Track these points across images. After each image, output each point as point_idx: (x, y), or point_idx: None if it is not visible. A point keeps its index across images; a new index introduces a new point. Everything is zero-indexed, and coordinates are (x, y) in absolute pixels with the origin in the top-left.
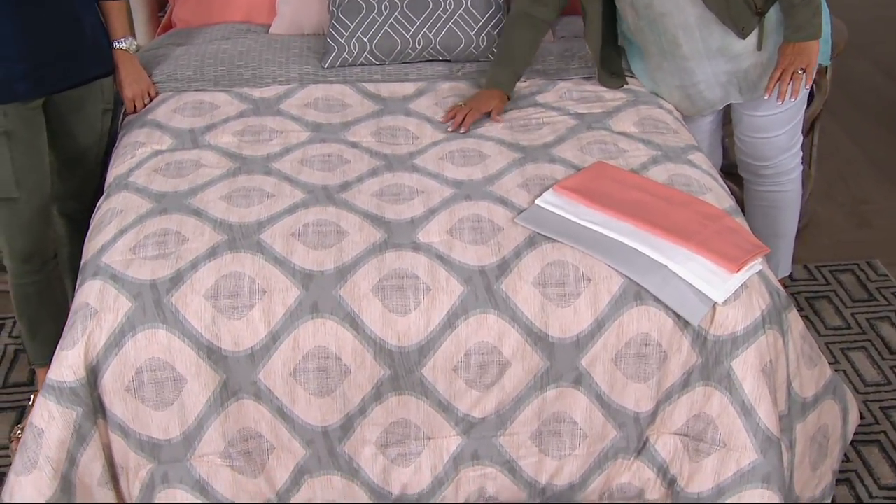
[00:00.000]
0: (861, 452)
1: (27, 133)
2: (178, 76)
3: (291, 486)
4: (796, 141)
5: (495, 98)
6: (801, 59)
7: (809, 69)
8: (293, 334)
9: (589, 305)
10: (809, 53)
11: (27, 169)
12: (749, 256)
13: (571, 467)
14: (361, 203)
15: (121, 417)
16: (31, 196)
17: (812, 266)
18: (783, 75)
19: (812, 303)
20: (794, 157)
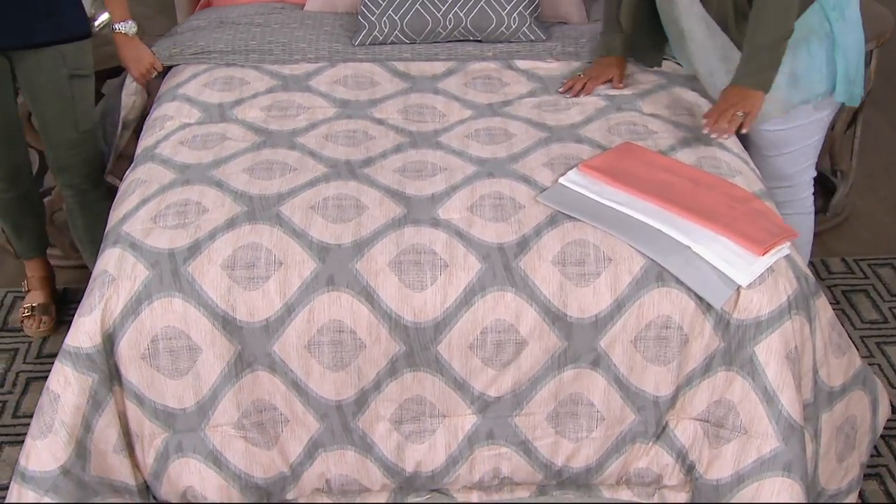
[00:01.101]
0: (893, 447)
1: None
2: (211, 48)
3: (305, 460)
4: (804, 169)
5: (613, 66)
6: (743, 104)
7: (749, 117)
8: (308, 307)
9: (609, 286)
10: (753, 102)
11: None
12: (776, 240)
13: (588, 450)
14: (383, 178)
15: (136, 385)
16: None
17: (850, 259)
18: (721, 116)
19: (849, 296)
20: (803, 188)
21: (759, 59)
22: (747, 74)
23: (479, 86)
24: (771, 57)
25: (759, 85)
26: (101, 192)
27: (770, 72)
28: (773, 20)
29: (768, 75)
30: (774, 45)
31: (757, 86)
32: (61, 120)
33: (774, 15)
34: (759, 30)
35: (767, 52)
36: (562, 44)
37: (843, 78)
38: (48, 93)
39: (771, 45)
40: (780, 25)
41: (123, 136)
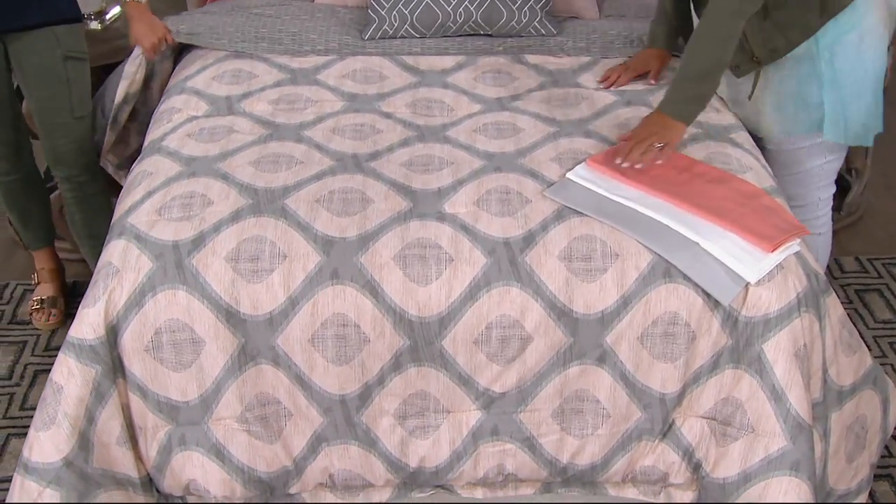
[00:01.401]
0: None
1: None
2: (220, 32)
3: (308, 454)
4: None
5: (654, 58)
6: (663, 134)
7: (667, 147)
8: (312, 300)
9: (615, 281)
10: (673, 133)
11: None
12: (786, 236)
13: (593, 447)
14: (389, 172)
15: (139, 377)
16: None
17: (864, 258)
18: (636, 146)
19: (862, 295)
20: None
21: (685, 89)
22: (671, 102)
23: (489, 80)
24: (698, 89)
25: (680, 116)
26: (99, 185)
27: (694, 104)
28: (705, 51)
29: (692, 108)
30: (703, 76)
31: (678, 117)
32: (56, 103)
33: (706, 45)
34: (690, 59)
35: (694, 83)
36: (573, 39)
37: (831, 117)
38: (42, 75)
39: (699, 75)
40: (710, 56)
41: (123, 109)
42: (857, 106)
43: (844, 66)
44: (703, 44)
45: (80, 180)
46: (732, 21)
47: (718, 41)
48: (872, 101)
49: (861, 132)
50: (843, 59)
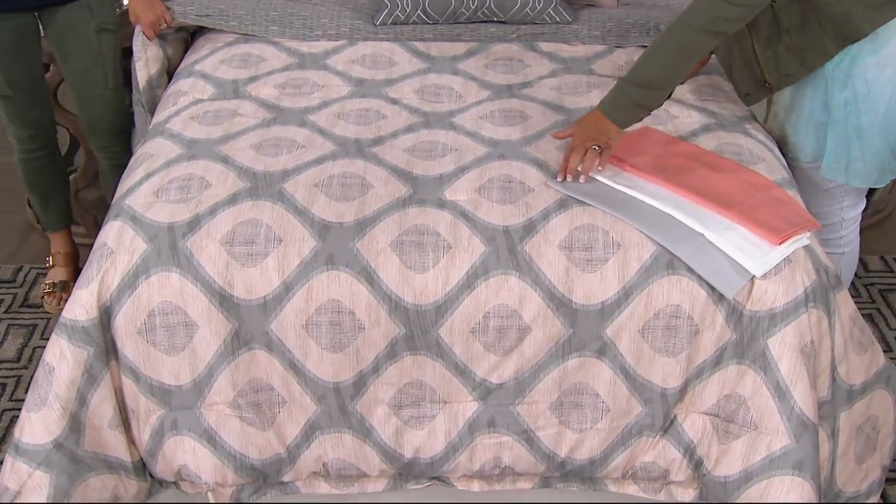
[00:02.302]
0: None
1: (15, 43)
2: (229, 15)
3: (302, 442)
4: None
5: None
6: (599, 138)
7: (607, 151)
8: (307, 285)
9: (616, 272)
10: (608, 136)
11: (18, 73)
12: (795, 229)
13: (593, 441)
14: (391, 158)
15: (132, 360)
16: (25, 94)
17: (890, 258)
18: (574, 156)
19: (885, 295)
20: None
21: (631, 94)
22: (612, 104)
23: (500, 67)
24: (644, 98)
25: (618, 120)
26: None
27: (636, 111)
28: (660, 61)
29: (633, 114)
30: (652, 86)
31: (616, 120)
32: (92, 75)
33: (663, 56)
34: (643, 66)
35: (642, 91)
36: (588, 27)
37: (833, 154)
38: (78, 49)
39: (648, 84)
40: (664, 69)
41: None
42: (865, 142)
43: (858, 93)
44: (660, 54)
45: (116, 150)
46: (698, 37)
47: (677, 55)
48: (881, 138)
49: (864, 171)
50: (858, 83)
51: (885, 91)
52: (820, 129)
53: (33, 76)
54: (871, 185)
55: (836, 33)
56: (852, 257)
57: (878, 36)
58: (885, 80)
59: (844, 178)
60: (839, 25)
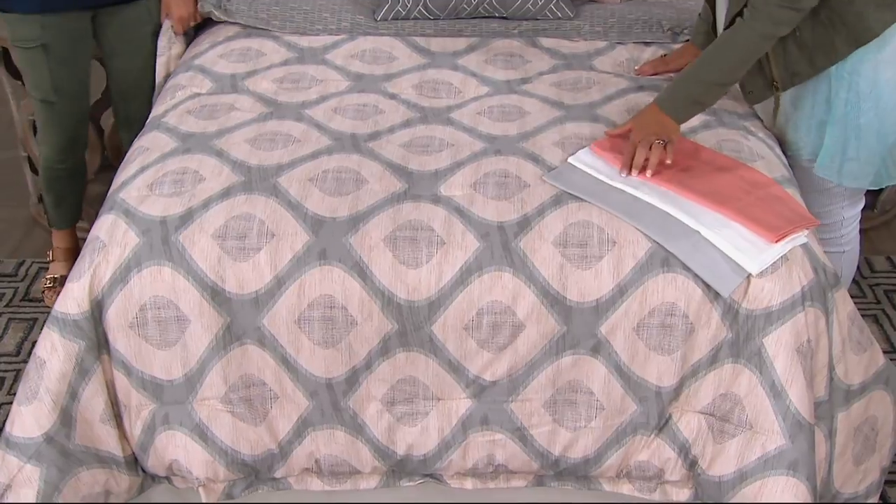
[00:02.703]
0: None
1: (65, 46)
2: (230, 8)
3: (294, 438)
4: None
5: (688, 55)
6: (661, 133)
7: (671, 144)
8: (299, 280)
9: (611, 269)
10: (668, 131)
11: (65, 78)
12: (792, 227)
13: (587, 440)
14: (387, 153)
15: (123, 354)
16: (68, 101)
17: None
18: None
19: (890, 296)
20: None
21: (690, 92)
22: (670, 100)
23: (500, 62)
24: (703, 96)
25: (675, 115)
26: None
27: (693, 108)
28: (723, 64)
29: (689, 111)
30: (712, 87)
31: (673, 115)
32: (140, 74)
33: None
34: (704, 66)
35: (701, 90)
36: (590, 23)
37: (829, 152)
38: (132, 48)
39: (708, 85)
40: (726, 72)
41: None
42: (862, 143)
43: (861, 91)
44: (723, 57)
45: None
46: (761, 43)
47: (740, 60)
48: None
49: (858, 173)
50: (862, 82)
51: (885, 92)
52: (820, 127)
53: (80, 82)
54: (863, 187)
55: (849, 34)
56: (853, 256)
57: (883, 36)
58: (885, 81)
59: (837, 177)
60: (851, 26)
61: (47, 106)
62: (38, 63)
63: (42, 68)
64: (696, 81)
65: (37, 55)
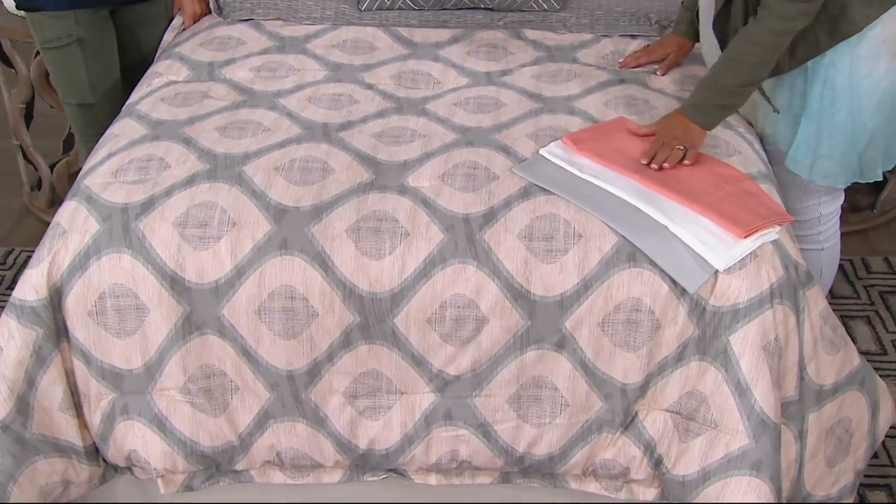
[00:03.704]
0: None
1: (98, 40)
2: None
3: (254, 430)
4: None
5: (671, 46)
6: (685, 138)
7: (692, 151)
8: (259, 270)
9: (577, 263)
10: (695, 137)
11: (100, 75)
12: (763, 222)
13: (551, 437)
14: (357, 143)
15: (83, 343)
16: (105, 101)
17: (894, 260)
18: (661, 151)
19: (885, 297)
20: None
21: (714, 98)
22: (695, 109)
23: (482, 54)
24: (728, 100)
25: (702, 123)
26: None
27: (720, 113)
28: (745, 66)
29: (716, 116)
30: (736, 90)
31: (700, 123)
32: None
33: (747, 61)
34: (726, 71)
35: (725, 95)
36: (577, 15)
37: (801, 147)
38: (146, 43)
39: (732, 89)
40: (749, 73)
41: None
42: (835, 140)
43: (837, 87)
44: (744, 58)
45: None
46: (777, 40)
47: (759, 61)
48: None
49: (830, 170)
50: (839, 78)
51: (860, 90)
52: (796, 120)
53: (114, 80)
54: (834, 185)
55: (832, 27)
56: (832, 254)
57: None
58: (861, 78)
59: (809, 174)
60: (835, 19)
61: (85, 110)
62: (73, 61)
63: (78, 66)
64: (717, 87)
65: (72, 53)
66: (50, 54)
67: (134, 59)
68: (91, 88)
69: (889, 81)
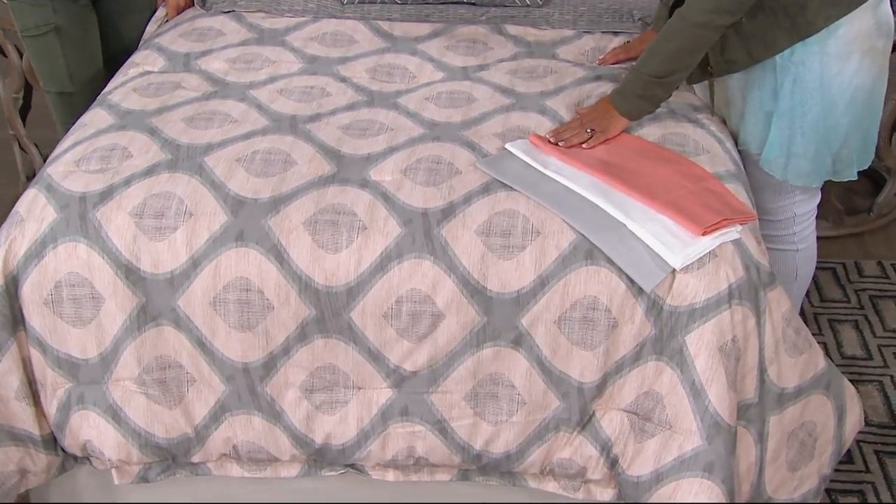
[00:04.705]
0: (885, 464)
1: (78, 29)
2: None
3: (210, 423)
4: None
5: (648, 41)
6: (602, 122)
7: (598, 135)
8: (215, 262)
9: (533, 260)
10: (613, 124)
11: (80, 64)
12: (723, 221)
13: (508, 435)
14: (323, 135)
15: (39, 331)
16: (85, 90)
17: (888, 263)
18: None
19: (875, 301)
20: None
21: (637, 87)
22: (619, 95)
23: (461, 49)
24: (651, 90)
25: (626, 112)
26: None
27: (644, 103)
28: (665, 55)
29: (641, 106)
30: (658, 80)
31: (624, 112)
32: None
33: (667, 51)
34: (649, 59)
35: (647, 85)
36: (560, 11)
37: (774, 147)
38: (128, 33)
39: (653, 77)
40: (669, 63)
41: None
42: (808, 139)
43: (807, 86)
44: (663, 48)
45: None
46: (698, 32)
47: (679, 50)
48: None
49: (804, 170)
50: (809, 76)
51: (830, 89)
52: (768, 118)
53: (95, 69)
54: (808, 185)
55: (791, 27)
56: (808, 255)
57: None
58: (830, 77)
59: (783, 174)
60: (793, 18)
61: (65, 98)
62: (51, 49)
63: (56, 55)
64: (639, 75)
65: (50, 41)
66: (29, 42)
67: (117, 49)
68: (70, 77)
69: (860, 79)
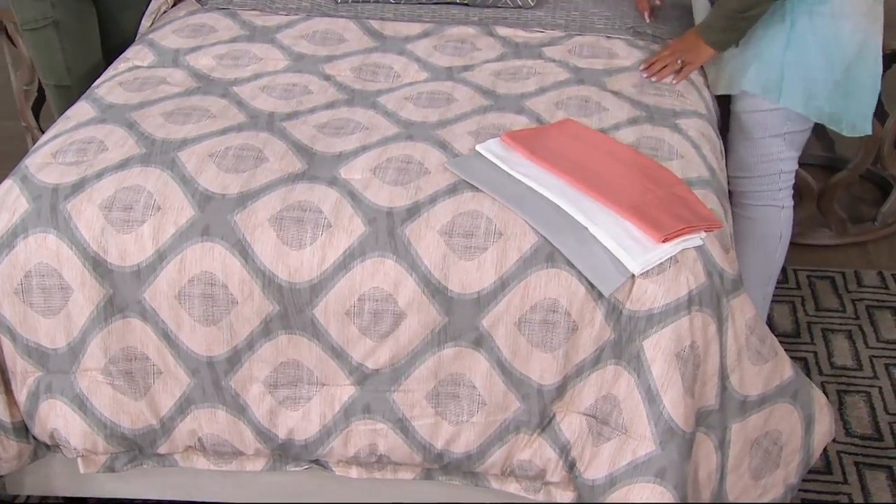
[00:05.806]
0: (864, 476)
1: (76, 23)
2: None
3: (176, 415)
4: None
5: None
6: (689, 53)
7: (688, 67)
8: (180, 255)
9: (494, 261)
10: (699, 54)
11: (78, 58)
12: (685, 228)
13: (469, 435)
14: (298, 133)
15: (9, 320)
16: (83, 83)
17: (888, 274)
18: (660, 60)
19: (871, 311)
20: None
21: (721, 20)
22: (707, 28)
23: (449, 49)
24: (733, 23)
25: (711, 42)
26: None
27: (728, 34)
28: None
29: (726, 37)
30: (741, 12)
31: (709, 42)
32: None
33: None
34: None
35: (730, 18)
36: (552, 14)
37: (791, 87)
38: (130, 30)
39: (737, 10)
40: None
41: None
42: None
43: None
44: None
45: None
46: None
47: None
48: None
49: (827, 111)
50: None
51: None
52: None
53: (94, 63)
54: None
55: None
56: (789, 215)
57: None
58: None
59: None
60: None
61: (63, 92)
62: (49, 43)
63: (54, 48)
64: (724, 11)
65: (48, 35)
66: (27, 35)
67: (116, 43)
68: (67, 71)
69: (856, 44)
